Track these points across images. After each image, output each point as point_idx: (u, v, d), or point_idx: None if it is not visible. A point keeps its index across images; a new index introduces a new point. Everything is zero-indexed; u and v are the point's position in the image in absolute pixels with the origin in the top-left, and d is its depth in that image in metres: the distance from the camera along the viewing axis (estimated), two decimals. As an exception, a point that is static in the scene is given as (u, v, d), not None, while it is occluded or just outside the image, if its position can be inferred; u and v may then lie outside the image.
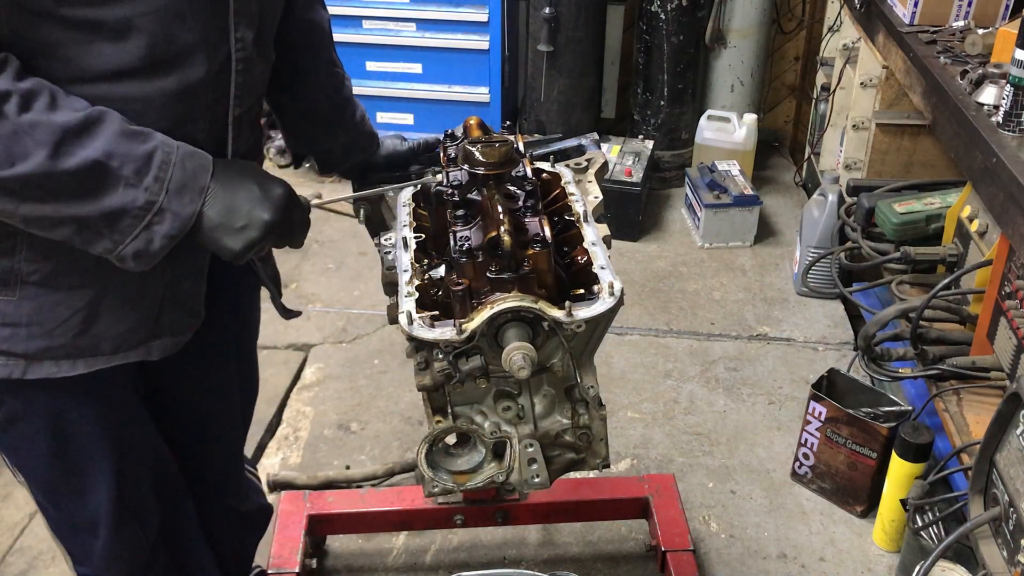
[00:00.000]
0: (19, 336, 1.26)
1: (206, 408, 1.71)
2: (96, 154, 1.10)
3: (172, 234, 1.16)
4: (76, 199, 1.11)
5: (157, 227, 1.15)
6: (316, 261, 3.65)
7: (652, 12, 3.93)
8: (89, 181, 1.11)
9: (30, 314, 1.26)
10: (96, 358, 1.32)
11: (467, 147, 1.36)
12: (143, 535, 1.57)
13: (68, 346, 1.29)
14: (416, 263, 1.35)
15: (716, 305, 3.42)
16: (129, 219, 1.14)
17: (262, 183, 1.24)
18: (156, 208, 1.14)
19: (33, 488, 1.49)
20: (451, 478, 1.35)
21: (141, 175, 1.13)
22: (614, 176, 3.74)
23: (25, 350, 1.28)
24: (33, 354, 1.28)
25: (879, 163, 3.01)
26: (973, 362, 2.16)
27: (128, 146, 1.13)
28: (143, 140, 1.14)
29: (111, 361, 1.34)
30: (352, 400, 2.93)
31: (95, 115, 1.12)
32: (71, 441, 1.42)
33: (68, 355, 1.30)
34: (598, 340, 1.29)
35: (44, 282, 1.25)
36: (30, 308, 1.26)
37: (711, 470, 2.67)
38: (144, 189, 1.13)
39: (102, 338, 1.31)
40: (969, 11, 2.64)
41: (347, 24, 4.01)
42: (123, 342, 1.33)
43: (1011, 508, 1.57)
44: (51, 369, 1.30)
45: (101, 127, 1.12)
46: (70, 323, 1.28)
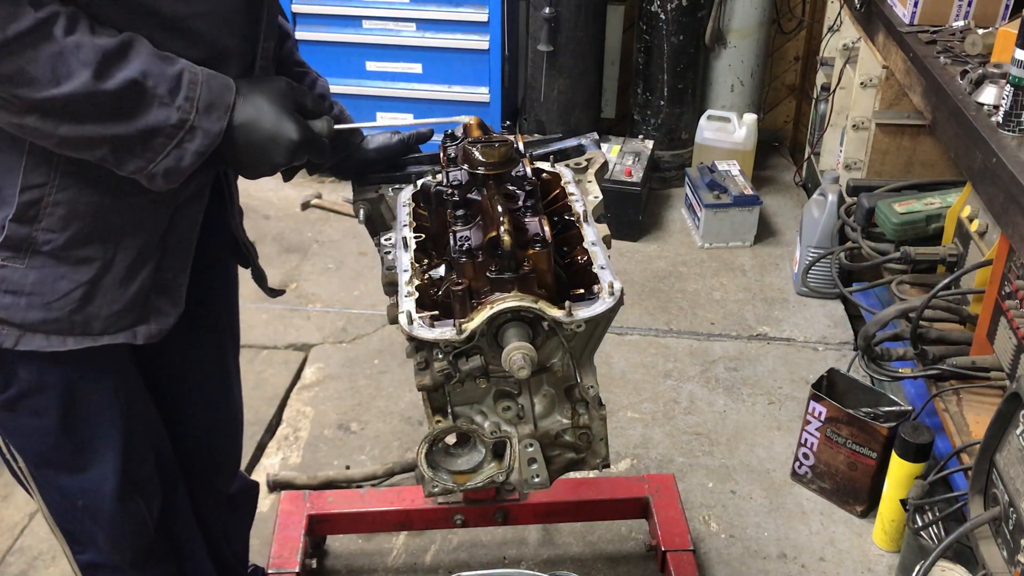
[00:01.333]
0: (19, 305, 1.30)
1: (200, 392, 1.74)
2: (134, 74, 1.15)
3: (201, 151, 1.22)
4: (114, 118, 1.16)
5: (188, 144, 1.20)
6: (316, 261, 3.65)
7: (652, 12, 3.93)
8: (128, 100, 1.16)
9: (34, 283, 1.29)
10: (85, 337, 1.36)
11: (467, 147, 1.36)
12: (147, 513, 1.58)
13: (63, 321, 1.33)
14: (416, 263, 1.35)
15: (716, 305, 3.42)
16: (163, 137, 1.19)
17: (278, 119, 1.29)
18: (188, 126, 1.20)
19: (34, 470, 1.49)
20: (451, 478, 1.35)
21: (174, 94, 1.18)
22: (614, 176, 3.74)
23: (22, 320, 1.31)
24: (29, 325, 1.31)
25: (879, 163, 3.01)
26: (973, 362, 2.16)
27: (161, 66, 1.18)
28: (172, 62, 1.20)
29: (98, 341, 1.37)
30: (352, 400, 2.93)
31: (128, 39, 1.17)
32: (81, 414, 1.45)
33: (60, 330, 1.33)
34: (598, 340, 1.29)
35: (55, 253, 1.29)
36: (35, 278, 1.29)
37: (711, 470, 2.67)
38: (176, 108, 1.19)
39: (95, 317, 1.35)
40: (969, 11, 2.64)
41: (347, 24, 4.01)
42: (112, 323, 1.37)
43: (1011, 508, 1.57)
44: (41, 343, 1.33)
45: (136, 49, 1.17)
46: (69, 298, 1.32)
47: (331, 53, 4.01)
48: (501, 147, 1.34)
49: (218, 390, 1.79)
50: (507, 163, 1.35)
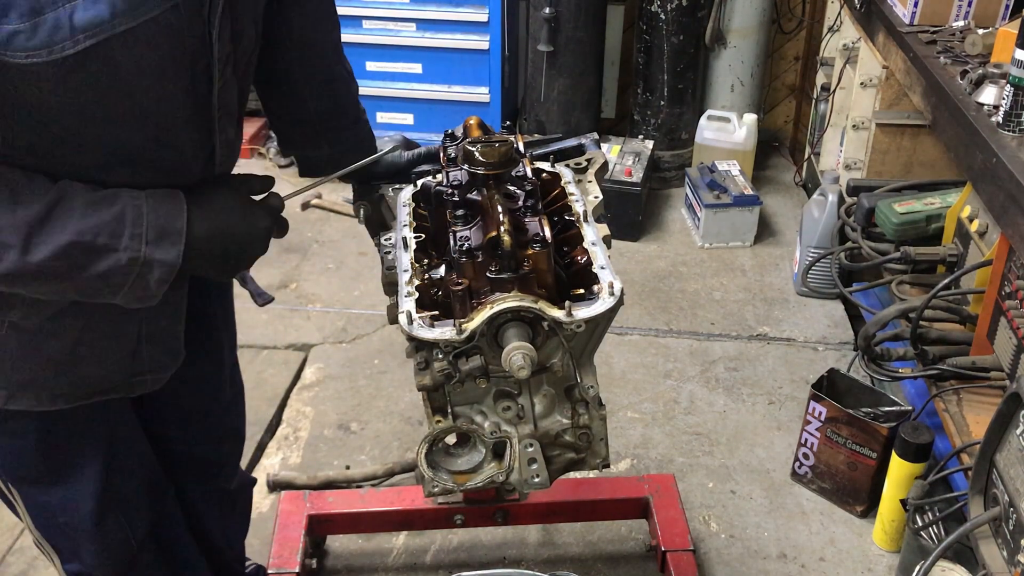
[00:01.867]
0: (4, 369, 1.29)
1: (199, 399, 1.72)
2: (68, 236, 1.12)
3: (164, 278, 1.19)
4: (64, 278, 1.15)
5: (148, 276, 1.18)
6: (316, 261, 3.65)
7: (652, 12, 3.93)
8: (69, 260, 1.13)
9: (17, 346, 1.29)
10: (77, 397, 1.35)
11: (467, 147, 1.36)
12: (129, 530, 1.57)
13: (51, 383, 1.32)
14: (416, 263, 1.35)
15: (716, 305, 3.42)
16: (120, 276, 1.17)
17: (244, 214, 1.28)
18: (141, 261, 1.17)
19: (15, 486, 1.48)
20: (451, 478, 1.35)
21: (117, 237, 1.15)
22: (614, 176, 3.74)
23: (8, 380, 1.30)
24: (17, 385, 1.31)
25: (879, 163, 3.01)
26: (973, 362, 2.16)
27: (96, 216, 1.14)
28: (110, 203, 1.15)
29: (91, 398, 1.37)
30: (352, 400, 2.93)
31: (56, 198, 1.12)
32: (59, 436, 1.43)
33: (50, 394, 1.33)
34: (598, 340, 1.29)
35: (33, 326, 1.28)
36: (17, 341, 1.28)
37: (711, 470, 2.67)
38: (124, 249, 1.15)
39: (85, 377, 1.34)
40: (969, 11, 2.64)
41: (347, 24, 3.99)
42: (102, 384, 1.37)
43: (1011, 508, 1.57)
44: (31, 402, 1.33)
45: (65, 208, 1.12)
46: (53, 361, 1.31)
47: (331, 53, 4.00)
48: (501, 147, 1.34)
49: (217, 394, 1.77)
50: (507, 163, 1.34)
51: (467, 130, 1.52)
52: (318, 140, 1.62)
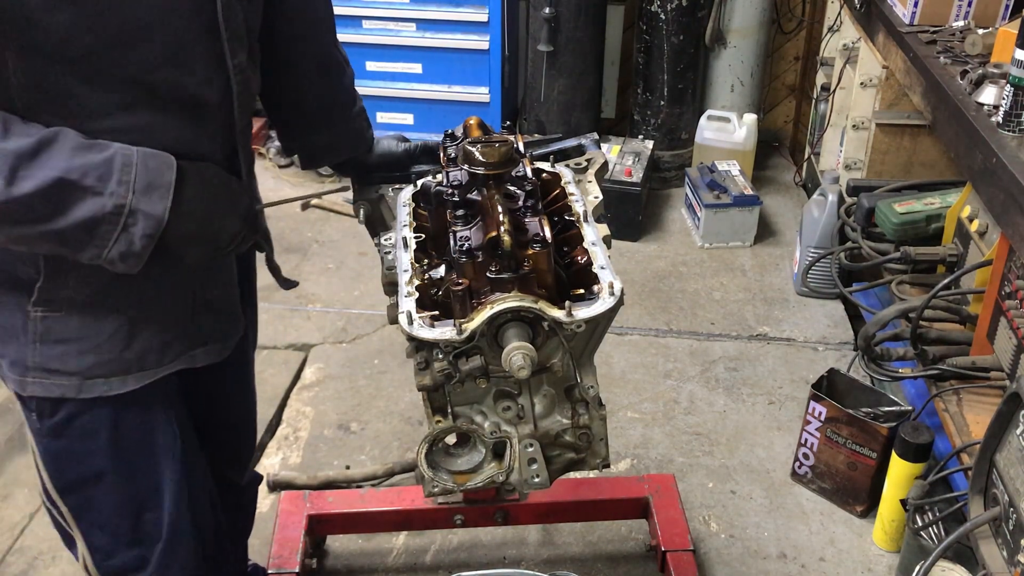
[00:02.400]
0: (71, 353, 1.30)
1: (223, 384, 1.74)
2: (55, 172, 1.11)
3: (149, 233, 1.18)
4: (46, 218, 1.13)
5: (133, 228, 1.17)
6: (316, 261, 3.65)
7: (652, 12, 3.93)
8: (54, 199, 1.12)
9: (78, 328, 1.30)
10: (143, 372, 1.36)
11: (467, 147, 1.36)
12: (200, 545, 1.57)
13: (116, 361, 1.33)
14: (416, 263, 1.35)
15: (716, 305, 3.42)
16: (105, 225, 1.16)
17: (230, 192, 1.29)
18: (127, 210, 1.16)
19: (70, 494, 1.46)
20: (451, 478, 1.35)
21: (104, 181, 1.14)
22: (614, 176, 3.74)
23: (78, 367, 1.31)
24: (85, 371, 1.32)
25: (879, 163, 3.01)
26: (973, 362, 2.16)
27: (85, 157, 1.14)
28: (100, 149, 1.16)
29: (158, 373, 1.38)
30: (352, 400, 2.93)
31: (49, 136, 1.13)
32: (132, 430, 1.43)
33: (116, 371, 1.34)
34: (598, 340, 1.29)
35: (89, 303, 1.29)
36: (77, 323, 1.30)
37: (711, 470, 2.67)
38: (110, 194, 1.15)
39: (148, 351, 1.35)
40: (969, 11, 2.64)
41: (347, 24, 4.01)
42: (166, 354, 1.37)
43: (1011, 508, 1.57)
44: (103, 388, 1.34)
45: (55, 145, 1.13)
46: (116, 337, 1.32)
47: (331, 53, 4.00)
48: (501, 147, 1.34)
49: (241, 381, 1.80)
50: (507, 163, 1.34)
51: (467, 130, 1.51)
52: (316, 125, 1.63)
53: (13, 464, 2.63)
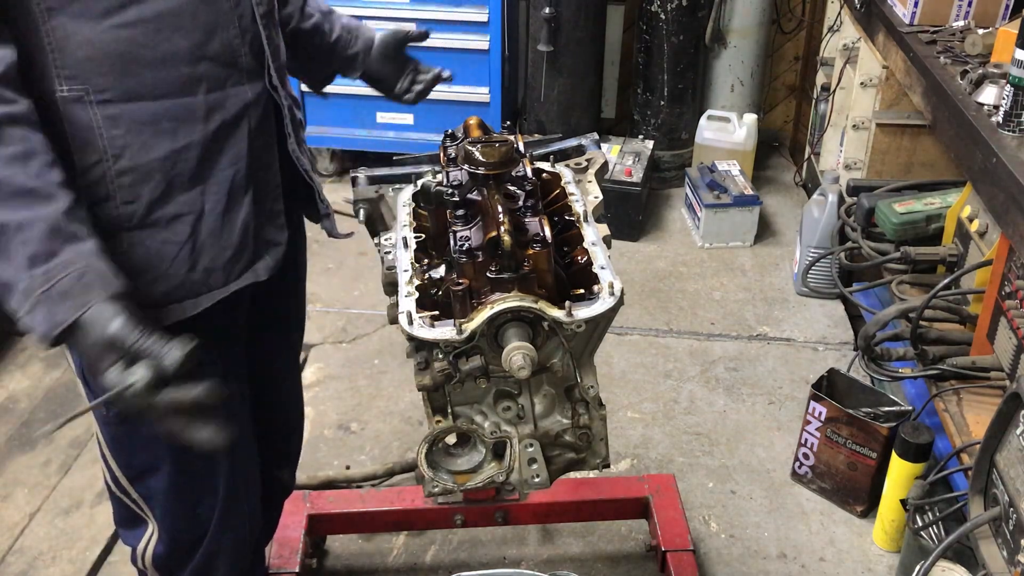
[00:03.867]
0: (140, 285, 1.29)
1: (282, 376, 1.77)
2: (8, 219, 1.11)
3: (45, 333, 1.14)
4: None
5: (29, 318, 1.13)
6: (316, 261, 3.65)
7: (652, 12, 3.93)
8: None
9: (141, 260, 1.29)
10: (213, 292, 1.37)
11: (467, 147, 1.36)
12: None
13: (184, 285, 1.33)
14: (416, 263, 1.35)
15: (716, 305, 3.42)
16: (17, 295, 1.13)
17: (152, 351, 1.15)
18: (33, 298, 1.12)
19: None
20: (451, 478, 1.35)
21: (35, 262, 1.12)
22: (614, 176, 3.74)
23: (150, 298, 1.31)
24: (159, 300, 1.32)
25: (879, 163, 3.01)
26: (973, 362, 2.16)
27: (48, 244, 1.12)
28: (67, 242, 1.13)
29: (227, 290, 1.38)
30: (352, 400, 2.93)
31: (44, 191, 1.12)
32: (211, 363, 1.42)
33: (187, 294, 1.34)
34: (598, 340, 1.29)
35: (144, 222, 1.28)
36: (140, 255, 1.29)
37: (711, 470, 2.67)
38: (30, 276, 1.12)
39: (211, 269, 1.35)
40: (969, 11, 2.64)
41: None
42: (231, 271, 1.38)
43: (1011, 508, 1.57)
44: (177, 313, 1.34)
45: (41, 202, 1.12)
46: (178, 260, 1.32)
47: (331, 53, 4.01)
48: (501, 147, 1.34)
49: (292, 371, 1.82)
50: (507, 163, 1.35)
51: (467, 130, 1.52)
52: None
53: (13, 464, 2.63)
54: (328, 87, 1.81)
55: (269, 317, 1.65)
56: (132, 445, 1.46)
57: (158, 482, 1.50)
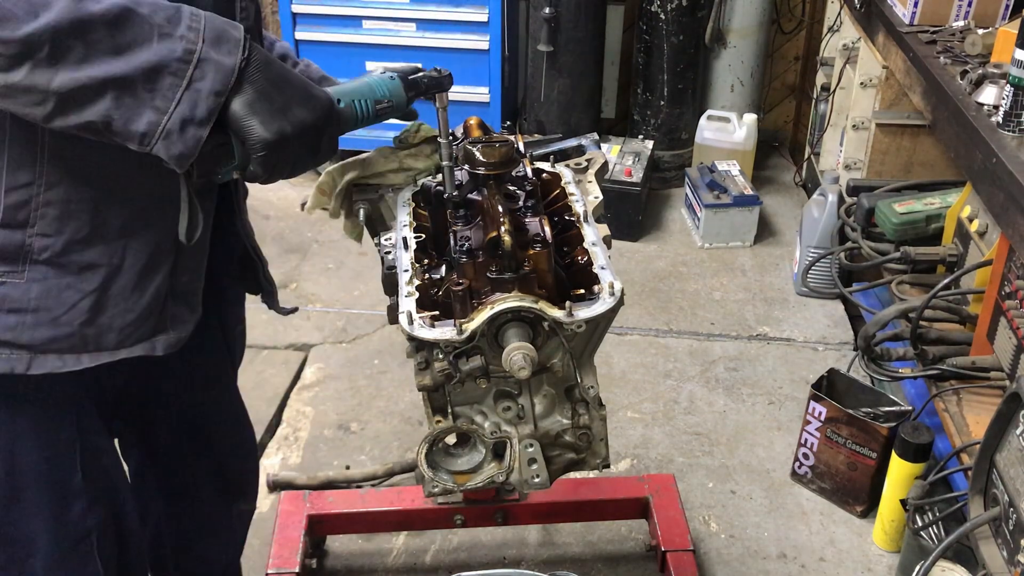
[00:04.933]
0: (25, 324, 1.21)
1: (217, 408, 1.71)
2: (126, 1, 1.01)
3: (218, 89, 1.06)
4: (109, 55, 1.01)
5: (200, 83, 1.05)
6: (316, 261, 3.65)
7: (652, 12, 3.93)
8: (120, 30, 1.01)
9: (37, 298, 1.20)
10: (101, 352, 1.27)
11: (467, 147, 1.36)
12: None
13: (74, 336, 1.24)
14: (416, 263, 1.35)
15: (716, 305, 3.42)
16: (169, 76, 1.04)
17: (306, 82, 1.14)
18: (196, 57, 1.04)
19: None
20: (451, 478, 1.35)
21: (173, 23, 1.04)
22: (614, 176, 3.74)
23: (31, 340, 1.22)
24: (38, 345, 1.22)
25: (879, 163, 3.01)
26: (973, 362, 2.16)
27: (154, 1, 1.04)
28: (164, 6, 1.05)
29: (115, 355, 1.29)
30: (352, 400, 2.93)
31: None
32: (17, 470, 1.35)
33: (73, 347, 1.25)
34: (598, 340, 1.29)
35: (55, 260, 1.20)
36: (38, 291, 1.20)
37: (711, 470, 2.67)
38: (180, 37, 1.03)
39: (108, 329, 1.26)
40: (969, 11, 2.64)
41: (347, 24, 4.01)
42: (129, 335, 1.29)
43: (1011, 508, 1.57)
44: (55, 363, 1.24)
45: None
46: (78, 309, 1.23)
47: (331, 53, 4.01)
48: (501, 147, 1.34)
49: (232, 405, 1.76)
50: (507, 163, 1.34)
51: (467, 130, 1.52)
52: None
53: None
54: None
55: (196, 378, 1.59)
56: None
57: None
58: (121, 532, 1.50)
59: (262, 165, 1.11)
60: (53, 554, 1.41)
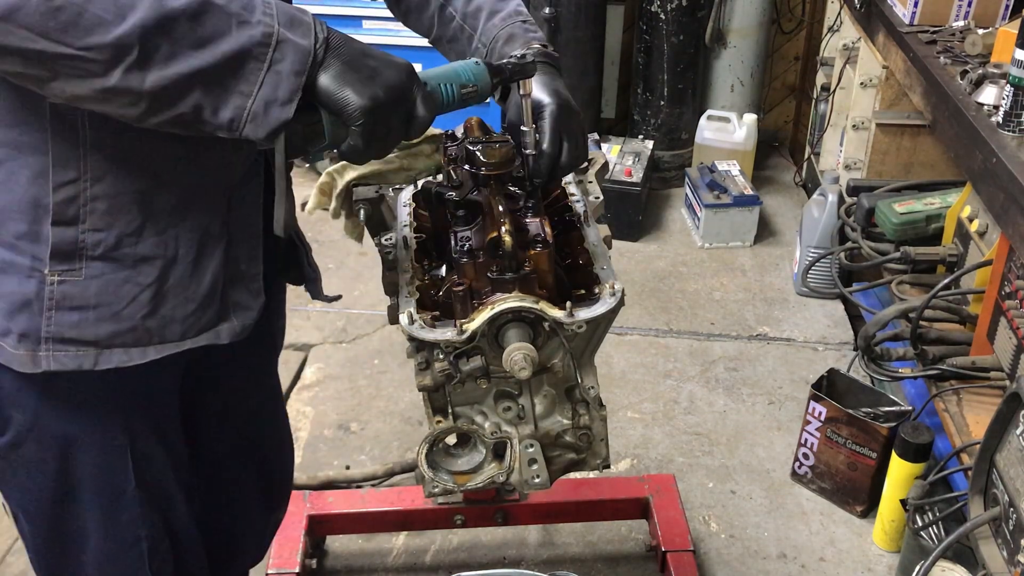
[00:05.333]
0: (88, 321, 1.22)
1: (259, 408, 1.70)
2: None
3: (297, 69, 1.07)
4: (195, 47, 1.03)
5: (280, 64, 1.06)
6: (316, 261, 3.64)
7: (652, 12, 3.93)
8: (202, 21, 1.03)
9: (97, 294, 1.21)
10: (165, 344, 1.28)
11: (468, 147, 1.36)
12: None
13: (137, 329, 1.25)
14: (416, 263, 1.35)
15: (716, 305, 3.42)
16: (252, 61, 1.05)
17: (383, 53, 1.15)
18: (275, 40, 1.06)
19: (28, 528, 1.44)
20: (451, 478, 1.35)
21: (249, 10, 1.05)
22: (614, 176, 3.74)
23: (95, 336, 1.23)
24: (103, 340, 1.24)
25: (879, 163, 3.01)
26: (973, 362, 2.16)
27: None
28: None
29: (180, 346, 1.29)
30: (352, 400, 2.93)
31: None
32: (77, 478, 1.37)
33: (137, 341, 1.26)
34: (599, 340, 1.29)
35: (109, 255, 1.21)
36: (97, 287, 1.21)
37: (711, 470, 2.67)
38: (257, 23, 1.05)
39: (171, 320, 1.27)
40: (969, 11, 2.64)
41: (347, 24, 4.00)
42: (192, 325, 1.29)
43: (1011, 508, 1.57)
44: (122, 358, 1.25)
45: None
46: (138, 302, 1.24)
47: (331, 53, 4.01)
48: (502, 147, 1.34)
49: (275, 404, 1.76)
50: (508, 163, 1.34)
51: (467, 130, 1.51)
52: None
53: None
54: None
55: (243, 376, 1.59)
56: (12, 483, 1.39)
57: None
58: (176, 543, 1.51)
59: (361, 136, 1.11)
60: (104, 555, 1.44)
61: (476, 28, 1.48)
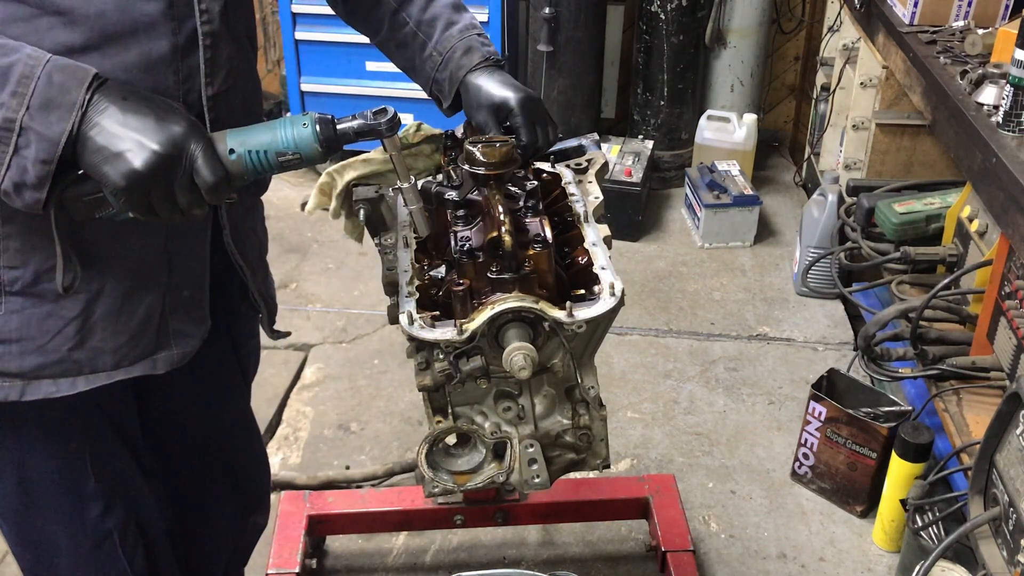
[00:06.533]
0: (11, 354, 1.19)
1: (225, 424, 1.68)
2: None
3: (43, 157, 1.02)
4: None
5: (26, 151, 1.01)
6: (316, 261, 3.65)
7: (652, 12, 3.93)
8: None
9: (19, 328, 1.19)
10: (96, 374, 1.25)
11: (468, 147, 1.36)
12: None
13: (65, 361, 1.22)
14: (416, 263, 1.35)
15: (716, 305, 3.42)
16: None
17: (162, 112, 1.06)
18: (17, 126, 1.00)
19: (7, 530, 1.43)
20: (451, 478, 1.35)
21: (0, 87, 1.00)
22: (614, 176, 3.74)
23: (20, 368, 1.20)
24: (29, 372, 1.21)
25: (879, 163, 3.01)
26: (973, 362, 2.16)
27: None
28: (4, 53, 1.01)
29: (113, 376, 1.26)
30: (352, 400, 2.93)
31: None
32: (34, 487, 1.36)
33: (65, 372, 1.23)
34: (599, 340, 1.29)
35: (27, 291, 1.18)
36: (18, 322, 1.18)
37: (711, 470, 2.67)
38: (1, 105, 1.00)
39: (100, 351, 1.24)
40: (969, 11, 2.64)
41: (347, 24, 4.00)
42: (124, 356, 1.26)
43: (1011, 508, 1.57)
44: (49, 388, 1.23)
45: None
46: (63, 335, 1.20)
47: (331, 53, 4.01)
48: (502, 147, 1.34)
49: (244, 419, 1.74)
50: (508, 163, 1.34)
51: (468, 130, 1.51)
52: None
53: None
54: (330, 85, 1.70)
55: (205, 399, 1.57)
56: None
57: None
58: (144, 531, 1.51)
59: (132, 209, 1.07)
60: (76, 554, 1.43)
61: (431, 36, 1.46)
